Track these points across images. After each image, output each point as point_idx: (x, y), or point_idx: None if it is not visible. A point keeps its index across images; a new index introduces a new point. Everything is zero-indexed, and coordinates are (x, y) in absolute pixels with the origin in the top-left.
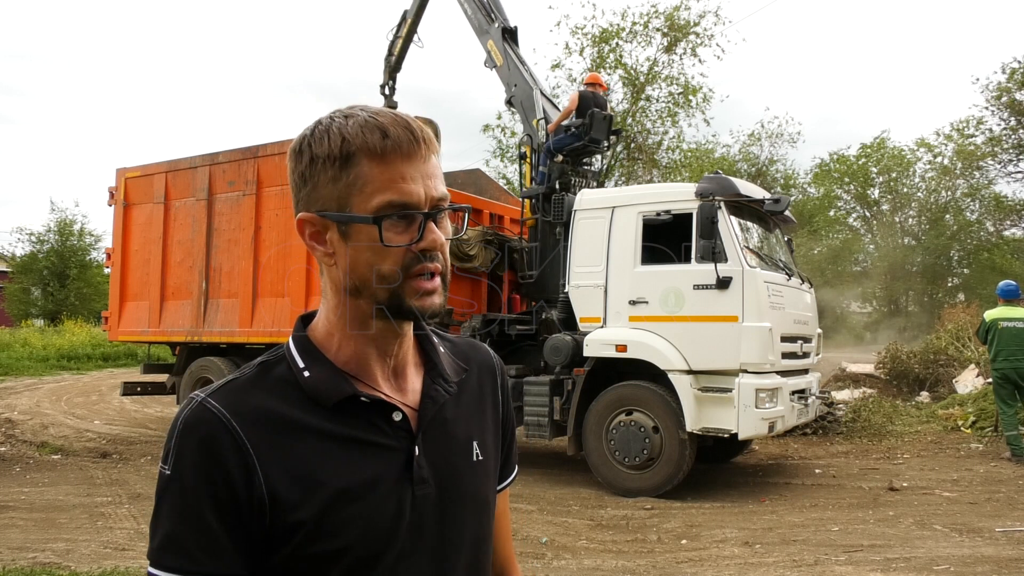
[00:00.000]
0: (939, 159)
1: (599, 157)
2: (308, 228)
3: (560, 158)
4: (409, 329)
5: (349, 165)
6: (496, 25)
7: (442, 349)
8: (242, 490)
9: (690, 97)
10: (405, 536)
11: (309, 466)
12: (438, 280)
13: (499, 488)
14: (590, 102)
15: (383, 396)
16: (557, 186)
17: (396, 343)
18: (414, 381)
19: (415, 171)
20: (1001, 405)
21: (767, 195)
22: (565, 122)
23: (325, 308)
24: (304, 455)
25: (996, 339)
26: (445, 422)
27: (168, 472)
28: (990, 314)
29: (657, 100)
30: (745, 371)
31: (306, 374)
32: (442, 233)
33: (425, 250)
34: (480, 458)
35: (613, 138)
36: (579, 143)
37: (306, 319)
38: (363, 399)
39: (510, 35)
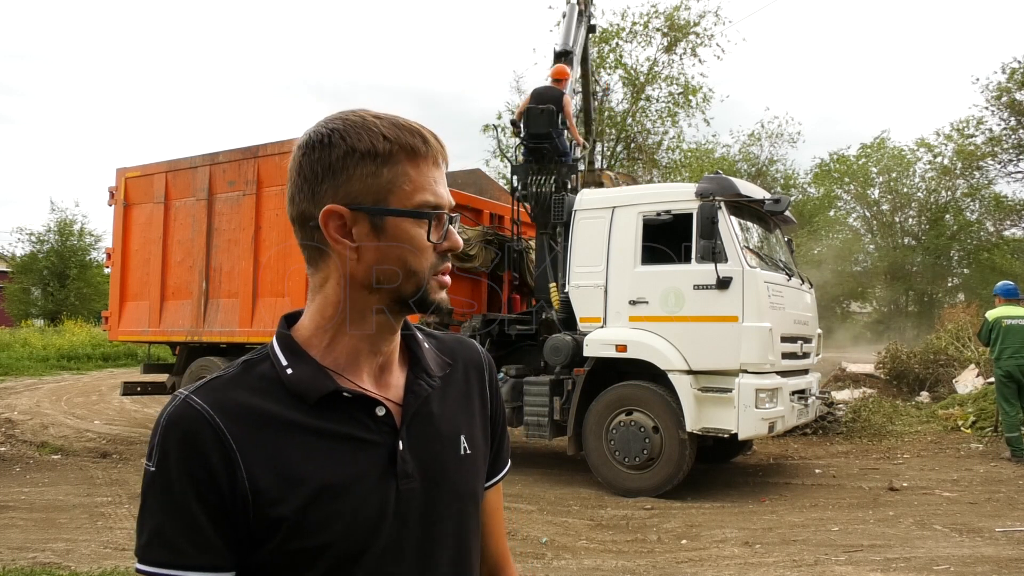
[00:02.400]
0: (939, 159)
1: (578, 148)
2: (333, 221)
3: (521, 160)
4: (400, 327)
5: (390, 163)
6: (556, 50)
7: (427, 345)
8: (225, 485)
9: (690, 97)
10: (390, 531)
11: (292, 462)
12: (449, 278)
13: (492, 483)
14: (536, 98)
15: (365, 391)
16: (519, 187)
17: (390, 340)
18: (398, 377)
19: (441, 177)
20: (1003, 404)
21: (767, 195)
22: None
23: (319, 304)
24: (287, 451)
25: (1001, 337)
26: (431, 417)
27: (152, 469)
28: (992, 314)
29: (657, 100)
30: (745, 371)
31: (289, 371)
32: None
33: (447, 250)
34: (468, 452)
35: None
36: (521, 142)
37: (290, 318)
38: (345, 395)
39: (564, 57)
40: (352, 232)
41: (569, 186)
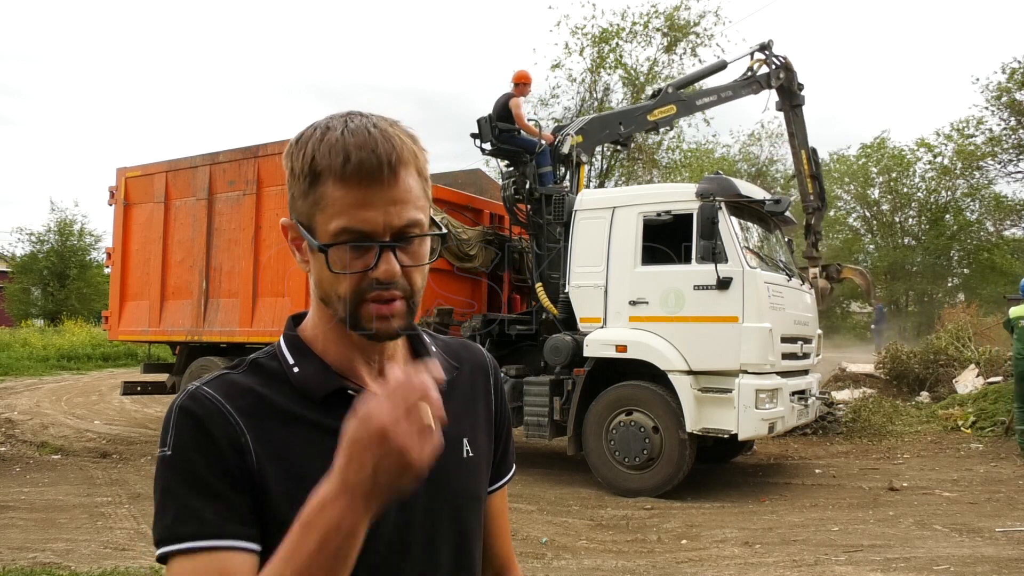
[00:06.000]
0: (939, 159)
1: (567, 141)
2: (290, 233)
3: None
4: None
5: (316, 183)
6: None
7: (433, 348)
8: (240, 464)
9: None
10: (391, 531)
11: (298, 457)
12: (398, 304)
13: (497, 486)
14: (493, 106)
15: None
16: (504, 190)
17: (377, 350)
18: None
19: (376, 197)
20: (1017, 401)
21: (767, 196)
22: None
23: (313, 306)
24: (293, 445)
25: (1018, 336)
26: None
27: (169, 452)
28: (1014, 311)
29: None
30: (745, 372)
31: (296, 370)
32: (410, 259)
33: (379, 279)
34: (470, 455)
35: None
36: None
37: (297, 318)
38: (351, 392)
39: (655, 95)
40: (301, 245)
41: (550, 176)
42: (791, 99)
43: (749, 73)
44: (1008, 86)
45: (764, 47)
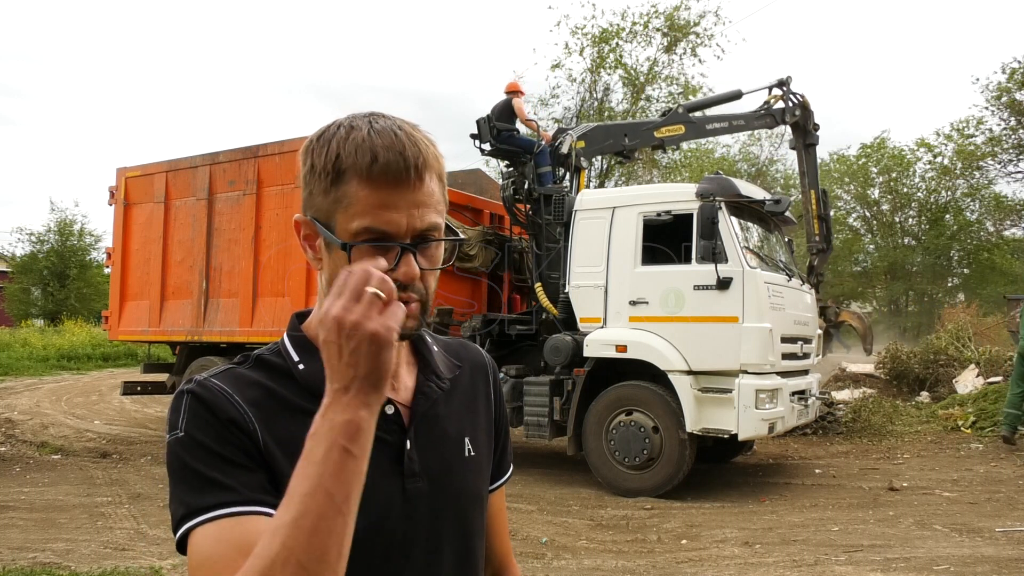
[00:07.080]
0: (939, 159)
1: (566, 143)
2: (303, 229)
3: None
4: None
5: (340, 182)
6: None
7: (435, 348)
8: (252, 444)
9: (690, 97)
10: (395, 528)
11: (302, 448)
12: (415, 306)
13: (496, 486)
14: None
15: None
16: (504, 190)
17: None
18: (407, 379)
19: (401, 199)
20: (1012, 385)
21: (767, 196)
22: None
23: (318, 306)
24: (301, 436)
25: (1021, 318)
26: (437, 418)
27: (182, 434)
28: None
29: (657, 100)
30: (745, 372)
31: (301, 367)
32: (428, 262)
33: (400, 281)
34: (472, 454)
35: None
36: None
37: (301, 316)
38: None
39: (666, 113)
40: (317, 244)
41: (549, 176)
42: (805, 138)
43: (765, 107)
44: (1008, 86)
45: (783, 83)
